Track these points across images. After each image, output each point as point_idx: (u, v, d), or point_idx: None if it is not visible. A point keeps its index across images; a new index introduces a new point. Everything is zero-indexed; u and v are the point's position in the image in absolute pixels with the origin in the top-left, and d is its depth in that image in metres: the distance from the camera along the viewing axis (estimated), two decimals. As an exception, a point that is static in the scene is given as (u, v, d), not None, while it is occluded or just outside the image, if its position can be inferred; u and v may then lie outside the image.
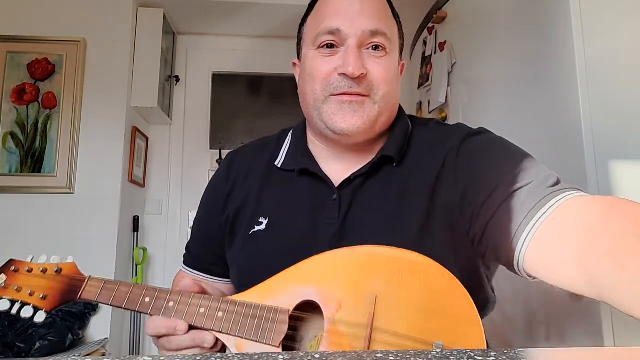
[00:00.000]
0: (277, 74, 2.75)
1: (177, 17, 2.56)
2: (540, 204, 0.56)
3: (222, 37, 2.76)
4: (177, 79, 2.67)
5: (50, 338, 1.72)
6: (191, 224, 2.53)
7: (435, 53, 1.94)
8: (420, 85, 2.10)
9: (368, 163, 0.72)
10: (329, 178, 0.73)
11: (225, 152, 2.65)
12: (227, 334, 0.60)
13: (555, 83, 1.22)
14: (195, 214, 0.91)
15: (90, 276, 0.67)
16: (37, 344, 1.70)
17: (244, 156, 0.86)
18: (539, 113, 1.29)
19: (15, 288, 0.66)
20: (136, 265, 2.31)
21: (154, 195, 2.51)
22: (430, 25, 1.99)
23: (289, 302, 0.61)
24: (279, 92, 2.80)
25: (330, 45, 0.70)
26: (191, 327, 0.61)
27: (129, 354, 2.22)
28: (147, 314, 0.63)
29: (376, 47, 0.70)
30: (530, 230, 0.55)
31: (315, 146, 0.79)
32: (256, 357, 0.33)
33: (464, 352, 0.35)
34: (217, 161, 2.63)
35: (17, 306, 0.65)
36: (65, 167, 2.08)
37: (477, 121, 1.63)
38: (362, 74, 0.67)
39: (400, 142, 0.74)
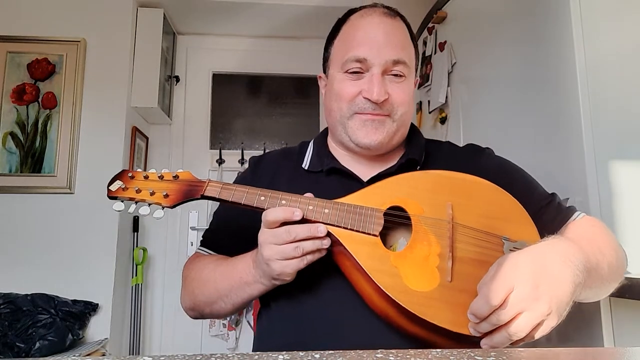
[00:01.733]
0: (277, 74, 2.75)
1: (177, 17, 2.56)
2: (566, 216, 0.80)
3: (222, 37, 2.76)
4: (177, 79, 2.67)
5: (50, 338, 1.72)
6: (191, 224, 2.53)
7: (435, 53, 1.94)
8: (420, 85, 2.10)
9: (395, 164, 0.83)
10: (355, 174, 0.83)
11: (225, 152, 2.65)
12: (334, 225, 0.68)
13: (555, 83, 1.22)
14: (214, 211, 0.95)
15: (209, 179, 0.74)
16: (37, 344, 1.70)
17: (269, 161, 0.92)
18: (539, 113, 1.29)
19: (136, 189, 0.72)
20: (136, 265, 2.32)
21: (154, 195, 2.50)
22: (430, 25, 1.99)
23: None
24: (279, 92, 2.79)
25: (356, 72, 0.80)
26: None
27: (129, 354, 2.22)
28: (263, 209, 0.69)
29: (396, 74, 0.80)
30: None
31: (337, 152, 0.88)
32: (256, 357, 0.33)
33: (464, 352, 0.35)
34: (217, 161, 2.63)
35: (133, 207, 0.71)
36: (65, 167, 2.08)
37: (477, 121, 1.63)
38: (385, 99, 0.78)
39: (420, 150, 0.87)
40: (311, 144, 0.92)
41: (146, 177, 0.73)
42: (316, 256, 0.67)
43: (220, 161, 2.63)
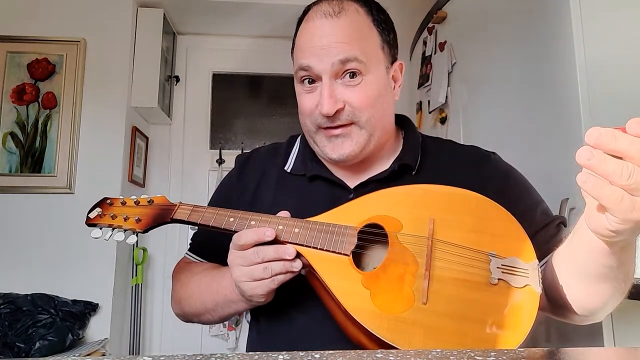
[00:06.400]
0: (277, 74, 2.75)
1: (177, 17, 2.56)
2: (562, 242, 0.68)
3: (222, 37, 2.76)
4: (177, 79, 2.67)
5: (50, 338, 1.72)
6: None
7: (435, 53, 1.94)
8: (420, 85, 2.10)
9: (387, 169, 0.77)
10: (342, 181, 0.77)
11: (225, 152, 2.65)
12: (304, 245, 0.65)
13: (555, 83, 1.22)
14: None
15: (180, 202, 0.74)
16: (37, 344, 1.70)
17: (256, 161, 0.87)
18: (539, 113, 1.29)
19: (112, 215, 0.73)
20: (136, 265, 2.32)
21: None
22: (430, 25, 1.99)
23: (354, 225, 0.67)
24: (279, 92, 2.79)
25: (311, 80, 0.74)
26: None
27: (129, 354, 2.22)
28: (232, 231, 0.67)
29: (353, 75, 0.71)
30: None
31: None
32: (256, 357, 0.33)
33: (464, 352, 0.35)
34: (217, 161, 2.63)
35: (108, 233, 0.73)
36: (65, 167, 2.08)
37: (477, 121, 1.63)
38: (339, 108, 0.71)
39: (416, 152, 0.79)
40: (298, 141, 0.87)
41: (123, 203, 0.74)
42: (288, 276, 0.64)
43: (220, 161, 2.63)
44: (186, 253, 0.90)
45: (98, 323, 2.01)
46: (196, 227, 0.90)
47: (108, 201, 0.75)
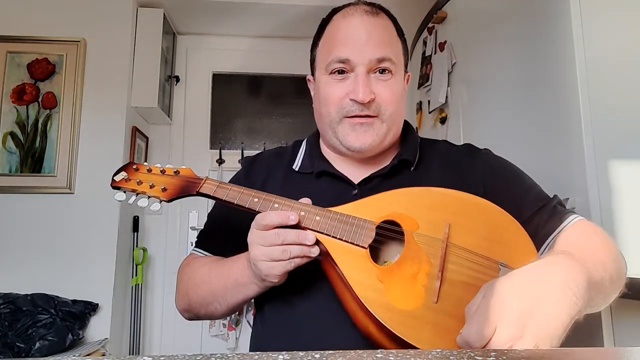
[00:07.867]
0: (277, 74, 2.75)
1: (177, 17, 2.56)
2: (559, 221, 0.74)
3: (222, 37, 2.76)
4: (177, 79, 2.67)
5: (50, 338, 1.72)
6: (191, 224, 2.53)
7: (435, 53, 1.94)
8: (420, 85, 2.10)
9: (387, 165, 0.81)
10: (346, 177, 0.81)
11: (225, 152, 2.65)
12: (324, 233, 0.67)
13: (555, 83, 1.22)
14: (208, 213, 0.94)
15: (207, 177, 0.76)
16: (37, 344, 1.70)
17: (262, 161, 0.92)
18: (539, 113, 1.29)
19: (137, 181, 0.74)
20: (136, 265, 2.31)
21: (154, 195, 2.50)
22: (430, 25, 1.99)
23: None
24: (279, 92, 2.79)
25: (341, 71, 0.78)
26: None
27: (129, 354, 2.22)
28: (255, 211, 0.70)
29: (383, 71, 0.78)
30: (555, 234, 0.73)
31: (329, 154, 0.87)
32: (256, 357, 0.33)
33: (464, 352, 0.35)
34: (217, 161, 2.63)
35: (133, 197, 0.74)
36: (65, 167, 2.08)
37: (477, 121, 1.63)
38: (371, 98, 0.76)
39: (414, 150, 0.85)
40: (304, 144, 0.92)
41: (149, 171, 0.76)
42: (304, 260, 0.66)
43: (220, 161, 2.63)
44: (193, 250, 0.91)
45: (98, 323, 2.01)
46: (202, 226, 0.92)
47: (134, 166, 0.77)
